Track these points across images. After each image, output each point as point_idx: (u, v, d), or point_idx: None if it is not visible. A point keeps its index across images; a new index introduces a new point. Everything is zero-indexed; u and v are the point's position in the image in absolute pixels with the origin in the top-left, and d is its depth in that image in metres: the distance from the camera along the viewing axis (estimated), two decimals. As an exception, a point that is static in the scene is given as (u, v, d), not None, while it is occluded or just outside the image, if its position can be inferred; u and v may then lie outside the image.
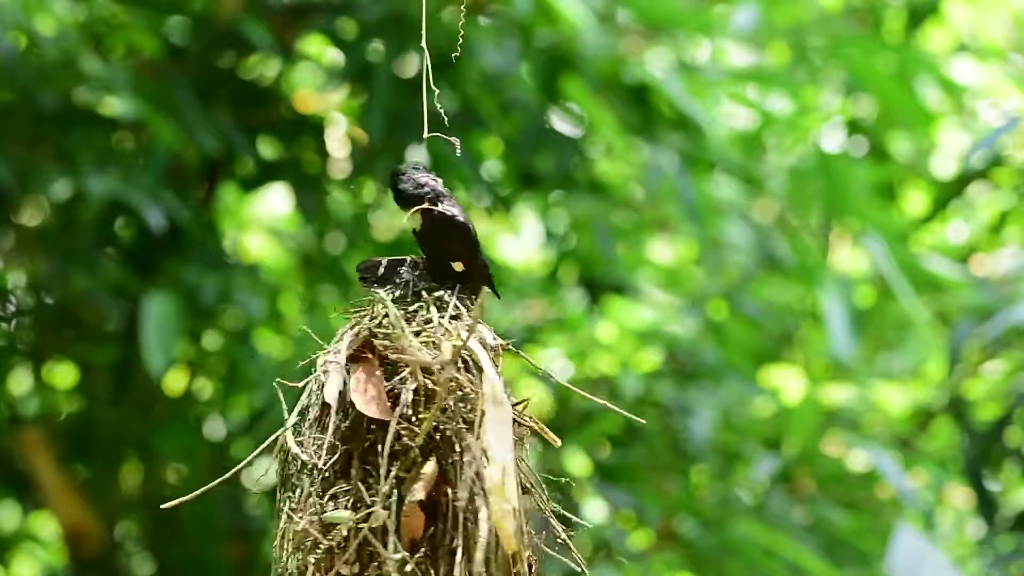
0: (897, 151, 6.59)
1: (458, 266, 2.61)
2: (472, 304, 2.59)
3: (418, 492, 2.41)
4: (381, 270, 2.67)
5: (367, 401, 2.46)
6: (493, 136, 5.54)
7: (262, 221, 6.32)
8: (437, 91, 2.68)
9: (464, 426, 2.46)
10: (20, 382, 5.96)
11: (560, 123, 5.50)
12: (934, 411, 6.59)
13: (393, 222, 6.09)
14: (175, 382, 5.91)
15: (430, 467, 2.44)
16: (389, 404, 2.45)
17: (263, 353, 5.61)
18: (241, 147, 5.47)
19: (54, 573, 6.50)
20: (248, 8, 5.45)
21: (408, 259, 2.66)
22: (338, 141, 5.74)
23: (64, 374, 5.99)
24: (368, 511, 2.41)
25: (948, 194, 5.93)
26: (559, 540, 2.52)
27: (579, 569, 2.52)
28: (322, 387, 2.52)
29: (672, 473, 5.95)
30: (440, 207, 2.61)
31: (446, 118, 2.70)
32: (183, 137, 5.25)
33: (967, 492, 6.38)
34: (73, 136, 5.32)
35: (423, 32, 2.71)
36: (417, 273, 2.64)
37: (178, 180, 5.50)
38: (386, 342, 2.51)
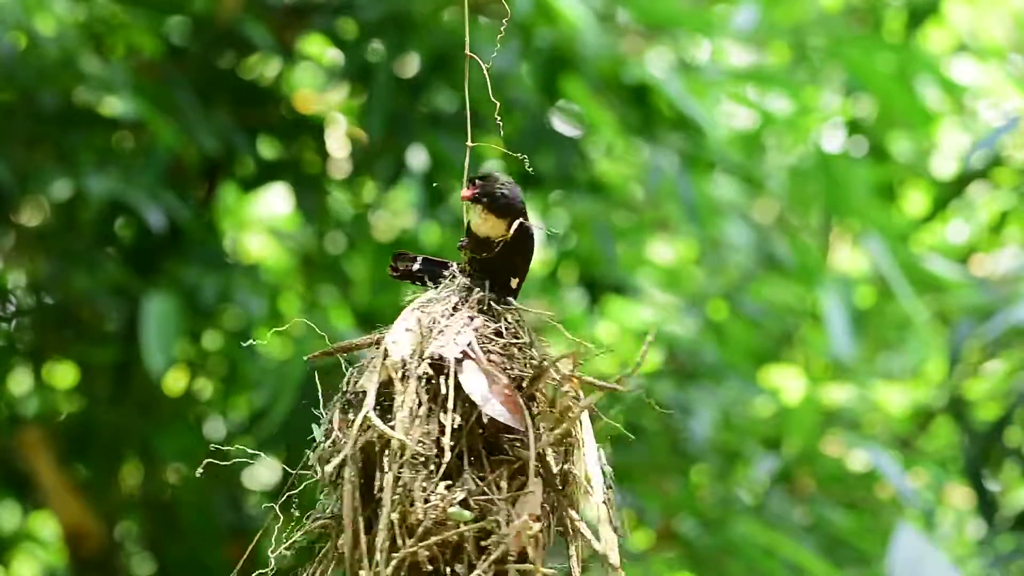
0: (897, 151, 6.59)
1: (514, 282, 2.60)
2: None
3: (534, 506, 2.40)
4: (416, 265, 2.65)
5: (494, 407, 2.43)
6: (493, 136, 5.54)
7: (262, 221, 6.33)
8: (497, 103, 2.69)
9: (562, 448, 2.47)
10: (20, 382, 5.96)
11: (560, 123, 5.50)
12: (934, 411, 6.59)
13: (394, 222, 6.09)
14: (175, 382, 5.91)
15: (536, 483, 2.43)
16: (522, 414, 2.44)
17: (263, 353, 5.61)
18: (241, 147, 5.47)
19: (54, 573, 6.50)
20: (248, 8, 5.45)
21: (452, 264, 2.64)
22: (338, 141, 5.75)
23: (64, 374, 5.99)
24: (520, 523, 2.39)
25: (948, 194, 5.92)
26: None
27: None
28: (427, 379, 2.46)
29: (672, 473, 5.95)
30: (528, 222, 2.63)
31: (502, 128, 2.70)
32: (183, 137, 5.25)
33: (967, 492, 6.38)
34: (73, 136, 5.32)
35: (466, 40, 2.71)
36: (473, 282, 2.62)
37: (178, 180, 5.50)
38: (498, 351, 2.50)
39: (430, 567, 2.39)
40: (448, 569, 2.39)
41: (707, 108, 5.72)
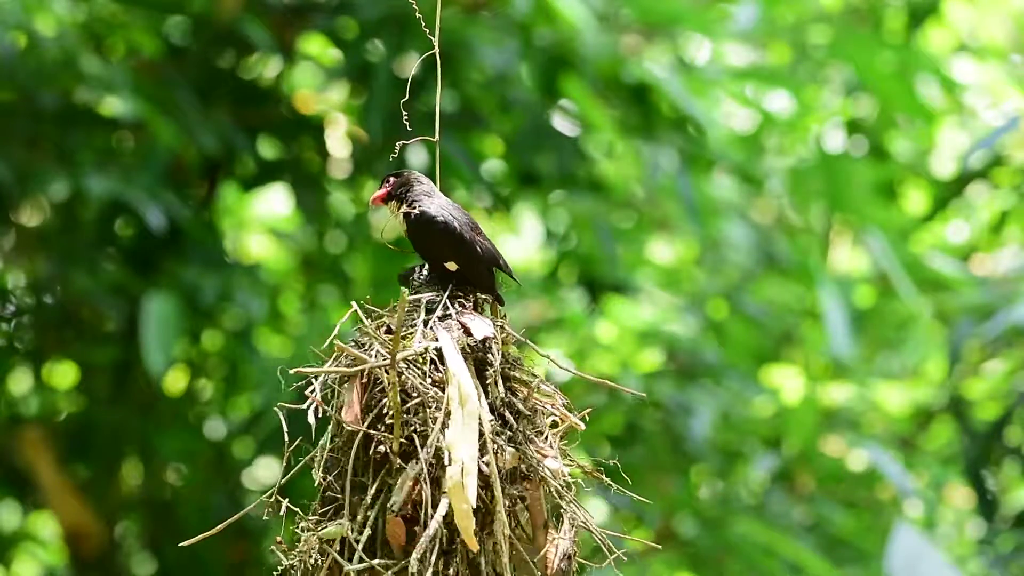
0: (897, 151, 6.59)
1: (451, 266, 2.62)
2: (468, 301, 2.61)
3: (394, 499, 2.44)
4: (415, 275, 2.70)
5: (346, 414, 2.48)
6: (493, 136, 5.55)
7: (262, 221, 6.33)
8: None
9: (437, 427, 2.50)
10: (20, 382, 5.96)
11: (560, 123, 5.50)
12: (934, 411, 6.59)
13: (394, 222, 6.09)
14: (175, 382, 5.92)
15: (407, 473, 2.46)
16: (363, 414, 2.47)
17: (263, 353, 5.61)
18: (241, 147, 5.48)
19: (54, 573, 6.50)
20: (248, 8, 5.45)
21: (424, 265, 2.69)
22: (338, 141, 5.75)
23: (64, 374, 5.99)
24: (338, 523, 2.45)
25: (948, 194, 5.93)
26: (581, 524, 2.55)
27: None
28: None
29: (672, 473, 5.95)
30: (416, 207, 2.64)
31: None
32: (183, 137, 5.25)
33: (967, 492, 6.38)
34: (73, 136, 5.32)
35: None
36: (425, 277, 2.65)
37: (178, 180, 5.50)
38: (346, 353, 2.54)
39: None
40: None
41: (707, 107, 5.73)
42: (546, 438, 2.57)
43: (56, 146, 5.33)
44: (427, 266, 2.67)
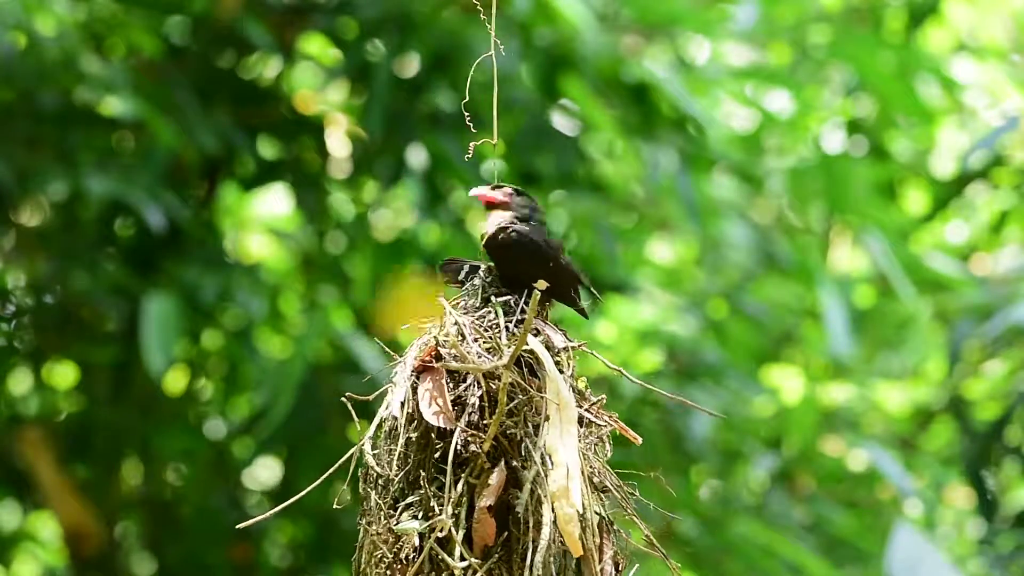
0: (897, 150, 6.59)
1: (541, 284, 2.61)
2: (545, 310, 2.62)
3: (486, 498, 2.43)
4: (463, 272, 2.69)
5: (432, 410, 2.48)
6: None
7: (262, 221, 6.33)
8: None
9: (531, 429, 2.49)
10: (20, 382, 5.96)
11: (560, 123, 5.50)
12: (934, 411, 6.59)
13: (394, 222, 6.09)
14: (175, 382, 5.92)
15: (497, 473, 2.46)
16: (454, 412, 2.47)
17: (263, 353, 5.61)
18: (241, 147, 5.48)
19: (54, 573, 6.50)
20: (248, 8, 5.45)
21: (482, 265, 2.68)
22: (338, 141, 5.75)
23: (64, 374, 5.99)
24: (433, 521, 2.43)
25: (948, 194, 5.93)
26: (645, 536, 2.56)
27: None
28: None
29: (672, 473, 5.95)
30: (510, 229, 2.64)
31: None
32: (183, 137, 5.26)
33: (967, 492, 6.38)
34: (73, 136, 5.33)
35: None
36: (489, 279, 2.65)
37: (178, 180, 5.50)
38: (451, 350, 2.53)
39: None
40: None
41: (707, 107, 5.73)
42: (604, 449, 2.58)
43: (56, 146, 5.33)
44: (483, 267, 2.67)
